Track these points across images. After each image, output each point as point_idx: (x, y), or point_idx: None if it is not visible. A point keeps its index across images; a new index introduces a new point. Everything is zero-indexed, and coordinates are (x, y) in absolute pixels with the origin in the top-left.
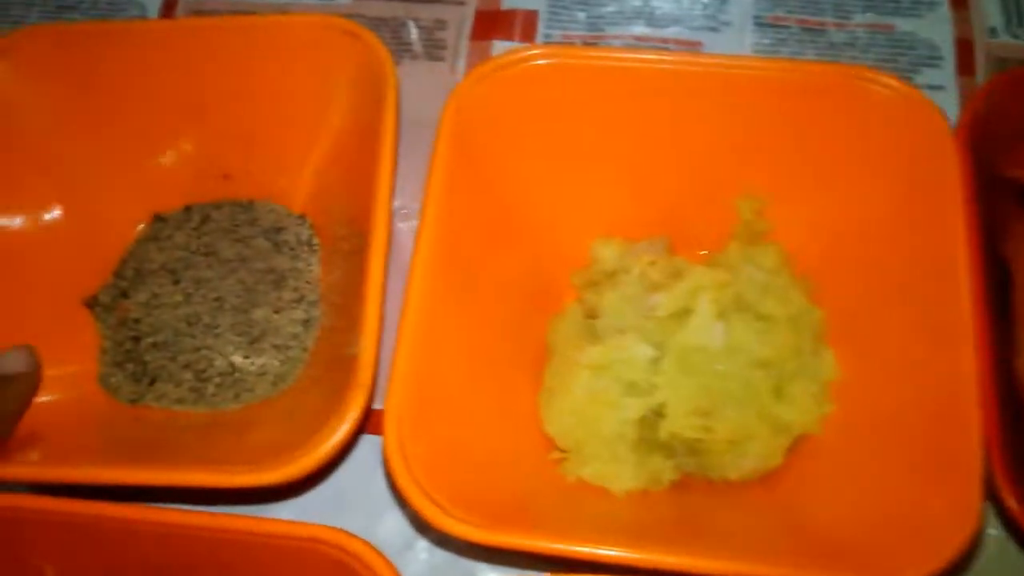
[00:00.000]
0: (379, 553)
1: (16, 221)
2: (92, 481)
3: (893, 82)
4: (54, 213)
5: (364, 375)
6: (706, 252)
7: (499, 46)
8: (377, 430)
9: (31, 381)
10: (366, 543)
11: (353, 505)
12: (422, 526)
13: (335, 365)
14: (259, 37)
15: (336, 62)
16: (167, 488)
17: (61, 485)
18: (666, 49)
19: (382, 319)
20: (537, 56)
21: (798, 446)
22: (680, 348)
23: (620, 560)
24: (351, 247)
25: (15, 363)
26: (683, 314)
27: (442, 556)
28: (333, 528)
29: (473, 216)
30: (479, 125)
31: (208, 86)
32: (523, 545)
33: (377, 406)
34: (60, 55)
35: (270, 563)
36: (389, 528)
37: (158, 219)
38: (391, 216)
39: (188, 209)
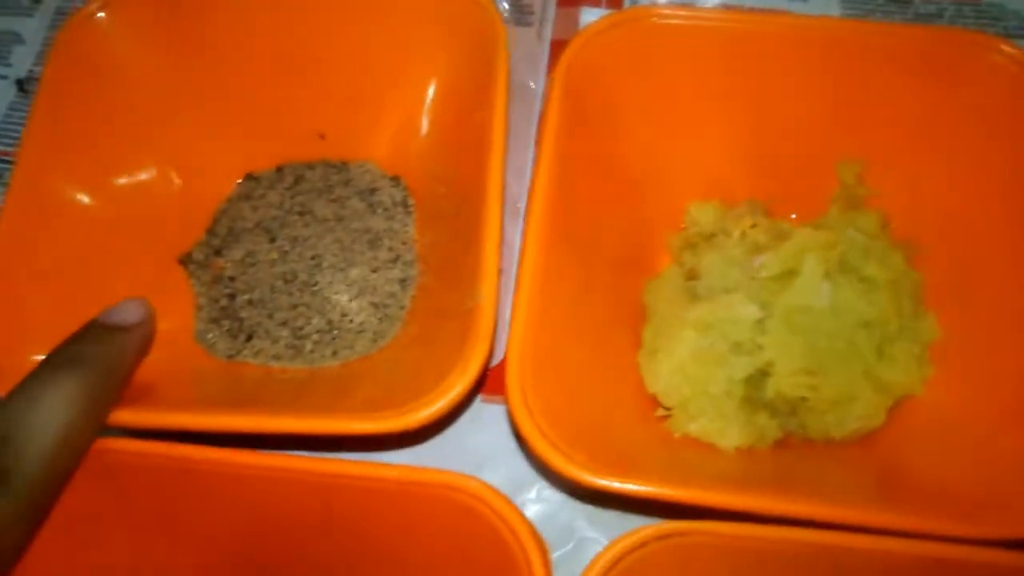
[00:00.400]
0: (509, 501)
1: (115, 177)
2: (213, 428)
3: (1007, 47)
4: (151, 170)
5: (485, 326)
6: (795, 216)
7: (586, 12)
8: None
9: (145, 332)
10: (497, 491)
11: (451, 459)
12: (521, 484)
13: (434, 322)
14: None
15: (442, 21)
16: (275, 436)
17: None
18: None
19: (499, 274)
20: (650, 15)
21: (898, 407)
22: (786, 308)
23: (743, 507)
24: (452, 207)
25: (131, 314)
26: (788, 275)
27: (543, 511)
28: (465, 475)
29: (580, 173)
30: (588, 83)
31: (308, 43)
32: (651, 493)
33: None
34: (160, 9)
35: (397, 509)
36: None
37: (250, 178)
38: (505, 175)
39: (280, 169)
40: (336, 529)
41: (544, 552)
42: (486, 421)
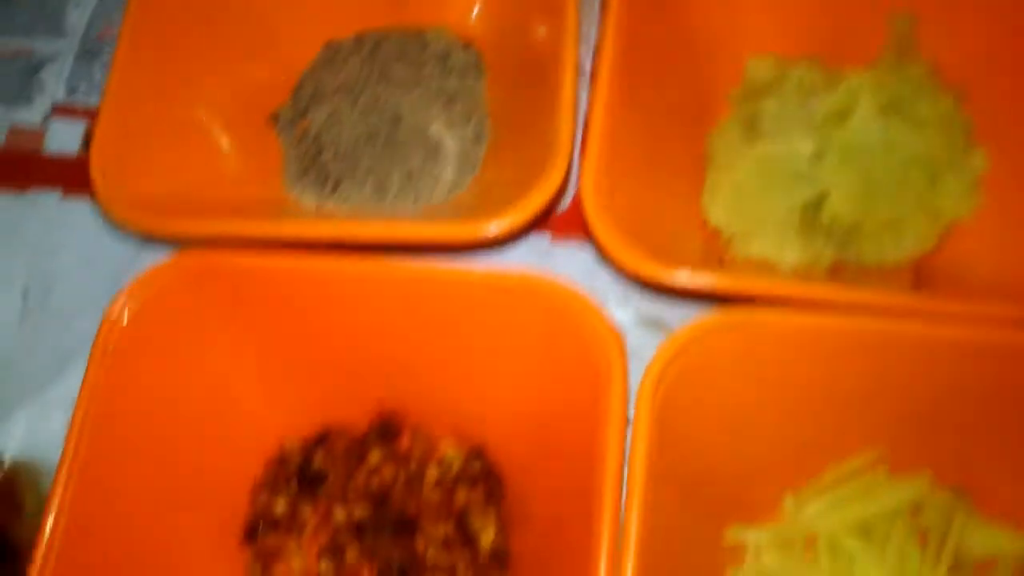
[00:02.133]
0: (587, 296)
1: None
2: (304, 237)
3: None
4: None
5: (565, 140)
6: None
7: None
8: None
9: None
10: (576, 288)
11: None
12: None
13: (510, 167)
14: None
15: None
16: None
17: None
18: None
19: (576, 105)
20: None
21: (948, 236)
22: (841, 144)
23: (805, 294)
24: (522, 62)
25: None
26: (843, 114)
27: None
28: (546, 274)
29: (645, 34)
30: None
31: None
32: (726, 285)
33: None
34: None
35: (482, 308)
36: None
37: (329, 47)
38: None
39: (359, 38)
40: (425, 328)
41: (619, 340)
42: (556, 262)
